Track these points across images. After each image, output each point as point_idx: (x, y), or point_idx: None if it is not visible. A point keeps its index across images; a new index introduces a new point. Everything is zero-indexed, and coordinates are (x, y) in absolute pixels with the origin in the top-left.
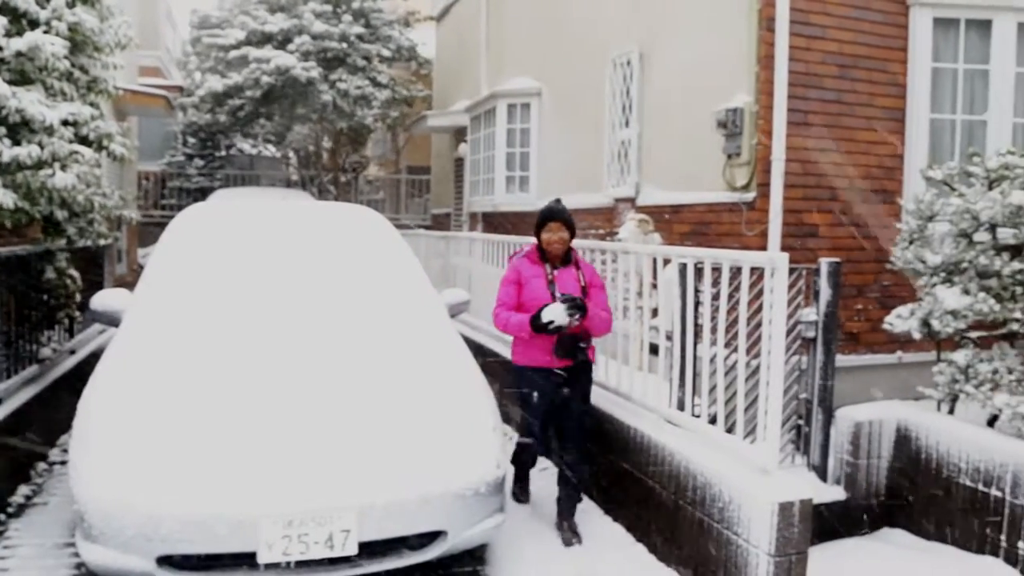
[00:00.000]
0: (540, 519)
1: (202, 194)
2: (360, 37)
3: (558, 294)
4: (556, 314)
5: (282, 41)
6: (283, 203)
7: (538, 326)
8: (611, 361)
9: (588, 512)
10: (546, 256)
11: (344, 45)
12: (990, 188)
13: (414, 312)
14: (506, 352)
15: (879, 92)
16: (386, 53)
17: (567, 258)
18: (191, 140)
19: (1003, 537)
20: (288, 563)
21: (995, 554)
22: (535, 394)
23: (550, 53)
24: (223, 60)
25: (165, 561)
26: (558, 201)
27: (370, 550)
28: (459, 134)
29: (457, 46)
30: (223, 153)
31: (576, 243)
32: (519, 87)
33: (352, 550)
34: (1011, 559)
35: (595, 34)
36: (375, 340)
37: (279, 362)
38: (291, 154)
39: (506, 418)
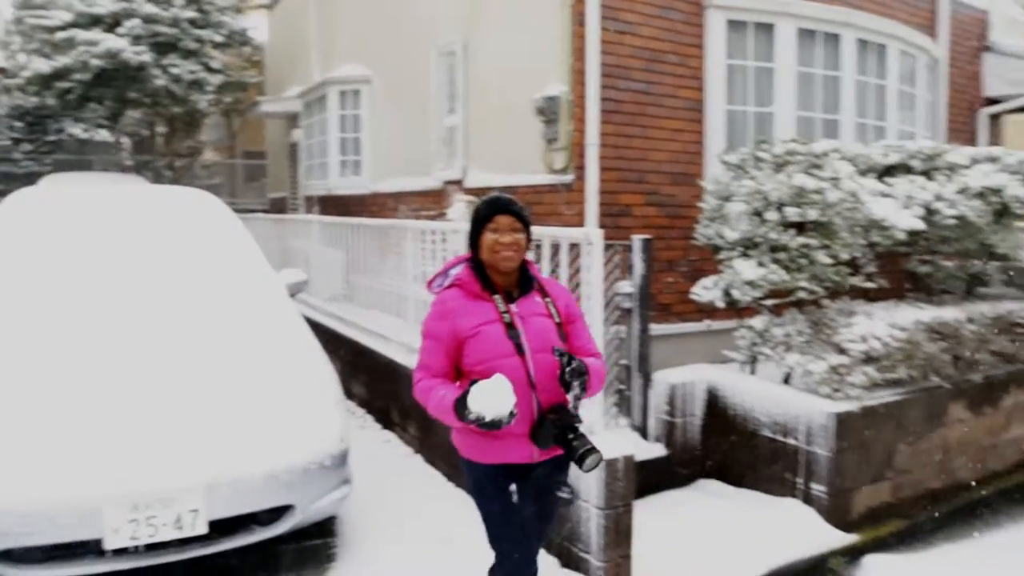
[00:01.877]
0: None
1: (30, 180)
2: (192, 22)
3: (524, 344)
4: (494, 403)
5: (112, 24)
6: (116, 188)
7: (466, 421)
8: None
9: (433, 479)
10: (490, 280)
11: (176, 30)
12: (777, 171)
13: (253, 292)
14: (348, 332)
15: (681, 84)
16: (219, 39)
17: (526, 278)
18: (17, 124)
19: (800, 480)
20: (137, 547)
21: (794, 496)
22: (506, 507)
23: (380, 41)
24: (49, 42)
25: (5, 556)
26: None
27: (220, 528)
28: (293, 119)
29: (288, 33)
30: (52, 138)
31: (410, 224)
32: (350, 74)
33: (202, 529)
34: (808, 499)
35: (422, 24)
36: (214, 321)
37: (115, 347)
38: (124, 139)
39: (349, 394)
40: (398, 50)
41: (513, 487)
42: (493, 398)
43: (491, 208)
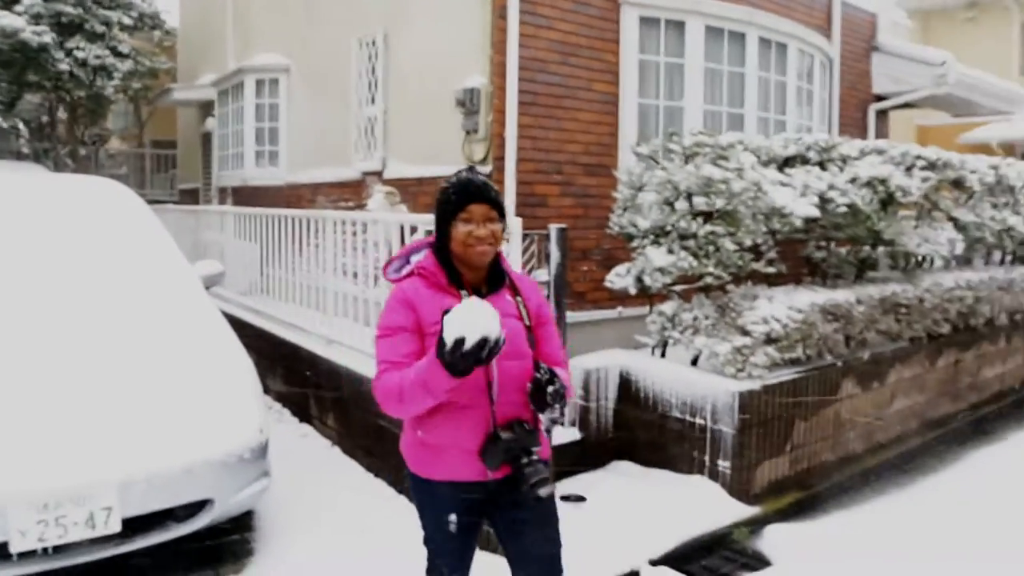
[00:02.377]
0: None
1: None
2: (98, 2)
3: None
4: (476, 322)
5: (8, 1)
6: (15, 176)
7: (452, 360)
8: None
9: (352, 471)
10: (457, 273)
11: (80, 10)
12: (686, 162)
13: (167, 284)
14: (264, 325)
15: (596, 78)
16: (128, 21)
17: (497, 273)
18: None
19: (707, 458)
20: (46, 549)
21: (702, 473)
22: (441, 532)
23: (299, 30)
24: None
25: None
26: (472, 171)
27: (135, 526)
28: (206, 108)
29: (203, 18)
30: None
31: (330, 214)
32: (267, 63)
33: (116, 528)
34: (714, 476)
35: (343, 12)
36: (127, 314)
37: (21, 343)
38: (21, 125)
39: (265, 389)
40: (318, 39)
41: (452, 517)
42: (474, 316)
43: (463, 196)
